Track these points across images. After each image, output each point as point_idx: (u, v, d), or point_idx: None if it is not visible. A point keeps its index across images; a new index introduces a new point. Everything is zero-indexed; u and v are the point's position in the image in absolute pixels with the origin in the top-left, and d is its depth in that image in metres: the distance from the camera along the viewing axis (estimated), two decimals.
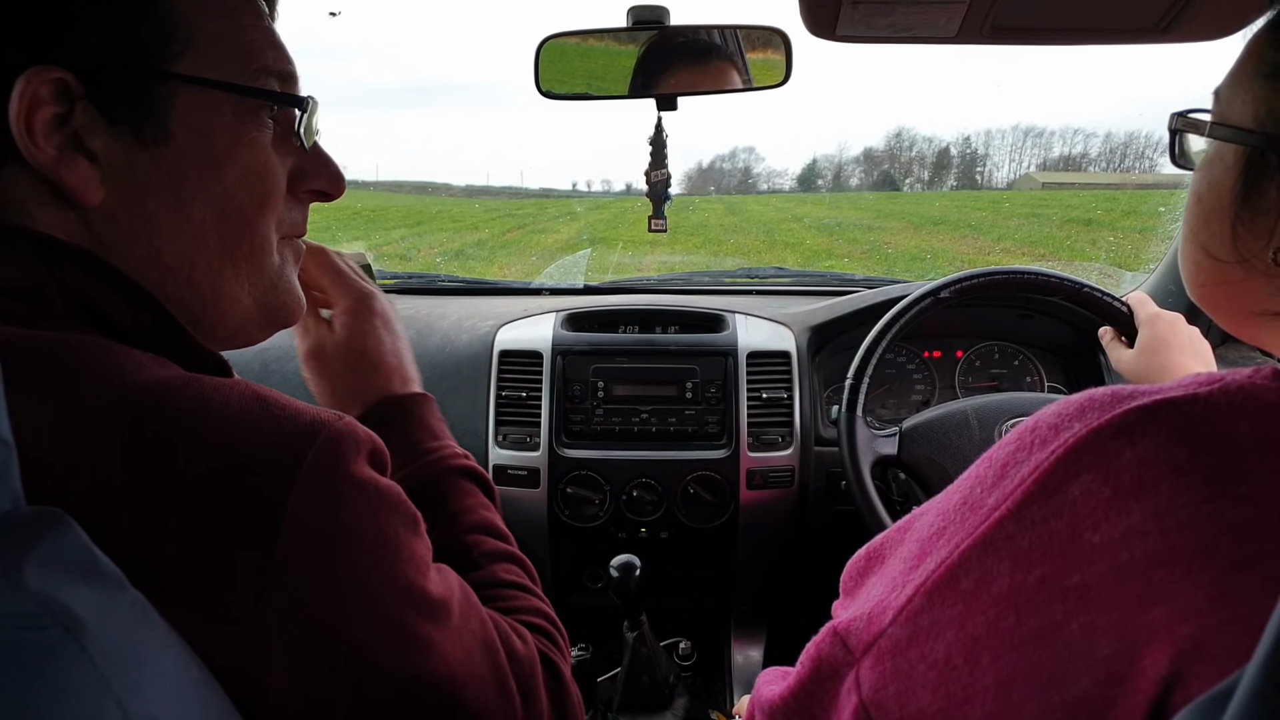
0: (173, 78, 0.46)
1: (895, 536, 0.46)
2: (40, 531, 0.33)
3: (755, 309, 1.39)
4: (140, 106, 0.45)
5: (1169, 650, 0.32)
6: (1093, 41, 0.67)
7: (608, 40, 0.97)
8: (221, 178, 0.48)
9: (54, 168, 0.43)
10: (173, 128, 0.46)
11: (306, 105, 0.52)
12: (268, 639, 0.40)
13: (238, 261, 0.50)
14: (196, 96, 0.47)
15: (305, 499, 0.40)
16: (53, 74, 0.42)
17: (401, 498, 0.47)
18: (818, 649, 0.45)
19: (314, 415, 0.43)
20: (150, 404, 0.40)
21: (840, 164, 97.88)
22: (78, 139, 0.44)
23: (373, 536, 0.44)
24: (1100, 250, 13.19)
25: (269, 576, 0.39)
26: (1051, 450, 0.37)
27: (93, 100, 0.44)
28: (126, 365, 0.42)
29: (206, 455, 0.39)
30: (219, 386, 0.42)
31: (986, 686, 0.37)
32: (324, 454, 0.42)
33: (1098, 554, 0.34)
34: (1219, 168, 0.42)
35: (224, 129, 0.48)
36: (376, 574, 0.43)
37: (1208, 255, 0.43)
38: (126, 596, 0.35)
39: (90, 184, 0.45)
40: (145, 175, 0.46)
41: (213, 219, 0.48)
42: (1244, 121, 0.40)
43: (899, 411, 1.39)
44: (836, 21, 0.65)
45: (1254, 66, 0.40)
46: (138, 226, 0.47)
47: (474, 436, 1.28)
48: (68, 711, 0.30)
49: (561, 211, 26.36)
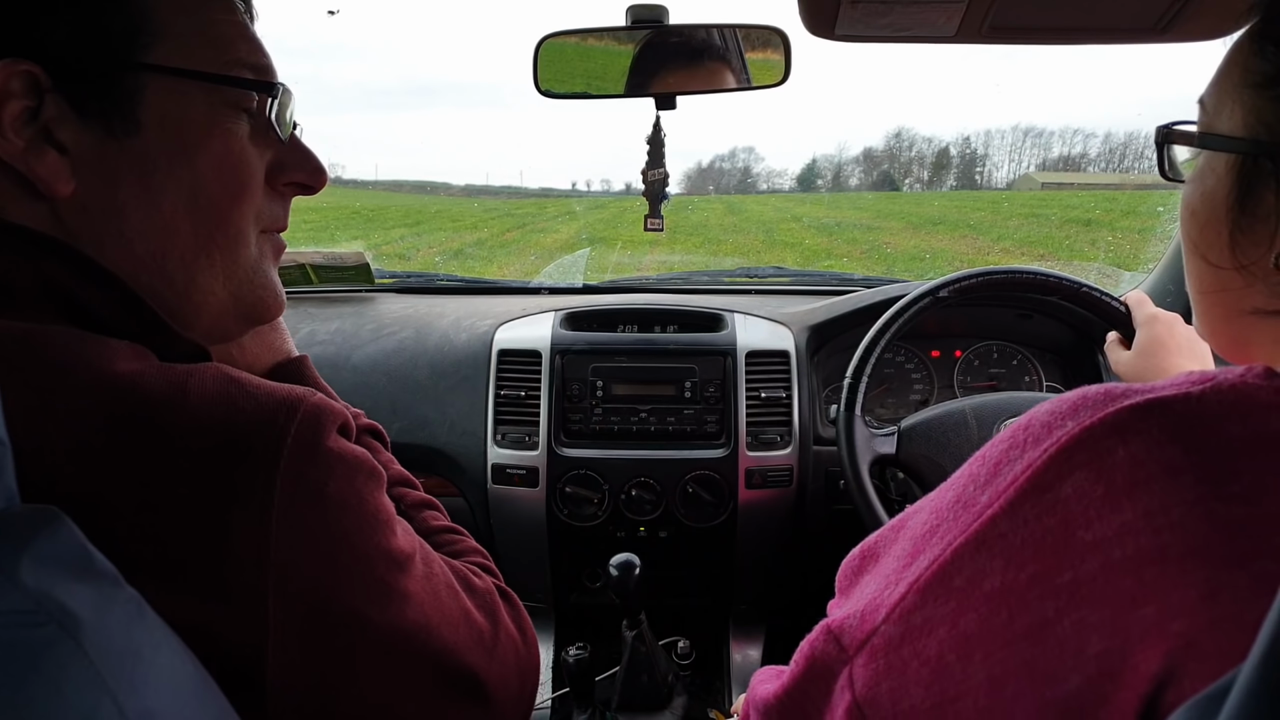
0: (143, 68, 0.46)
1: (889, 535, 0.46)
2: (35, 529, 0.33)
3: (754, 308, 1.40)
4: (110, 98, 0.45)
5: (1161, 647, 0.32)
6: (1091, 41, 0.68)
7: (607, 39, 0.97)
8: (193, 167, 0.48)
9: (23, 159, 0.44)
10: (143, 118, 0.46)
11: (276, 91, 0.52)
12: (266, 611, 0.41)
13: (212, 253, 0.50)
14: (168, 86, 0.47)
15: (293, 471, 0.42)
16: (20, 66, 0.43)
17: (371, 462, 0.48)
18: (811, 647, 0.46)
19: (288, 392, 0.45)
20: (128, 391, 0.41)
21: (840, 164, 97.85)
22: (47, 131, 0.44)
23: (356, 503, 0.46)
24: (1099, 250, 13.20)
25: (264, 549, 0.41)
26: (1044, 448, 0.37)
27: (62, 92, 0.44)
28: (103, 355, 0.42)
29: (192, 437, 0.40)
30: (191, 371, 0.43)
31: (978, 683, 0.37)
32: (305, 427, 0.43)
33: (1090, 552, 0.34)
34: (1211, 178, 0.42)
35: (196, 119, 0.48)
36: (361, 538, 0.45)
37: (1207, 263, 0.43)
38: (122, 593, 0.35)
39: (60, 175, 0.45)
40: (115, 166, 0.46)
41: (184, 209, 0.48)
42: (1234, 130, 0.40)
43: (898, 411, 1.39)
44: (835, 21, 0.65)
45: (1240, 76, 0.40)
46: (109, 217, 0.47)
47: (472, 436, 1.28)
48: (64, 708, 0.30)
49: (561, 211, 26.35)
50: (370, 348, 1.36)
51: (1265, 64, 0.39)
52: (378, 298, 1.56)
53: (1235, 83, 0.41)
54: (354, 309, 1.48)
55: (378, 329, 1.40)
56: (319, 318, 1.43)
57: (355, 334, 1.39)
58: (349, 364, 1.33)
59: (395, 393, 1.31)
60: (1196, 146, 0.44)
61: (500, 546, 1.32)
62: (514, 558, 1.33)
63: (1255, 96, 0.39)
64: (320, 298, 1.55)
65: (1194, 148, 0.44)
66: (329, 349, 1.35)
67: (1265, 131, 0.39)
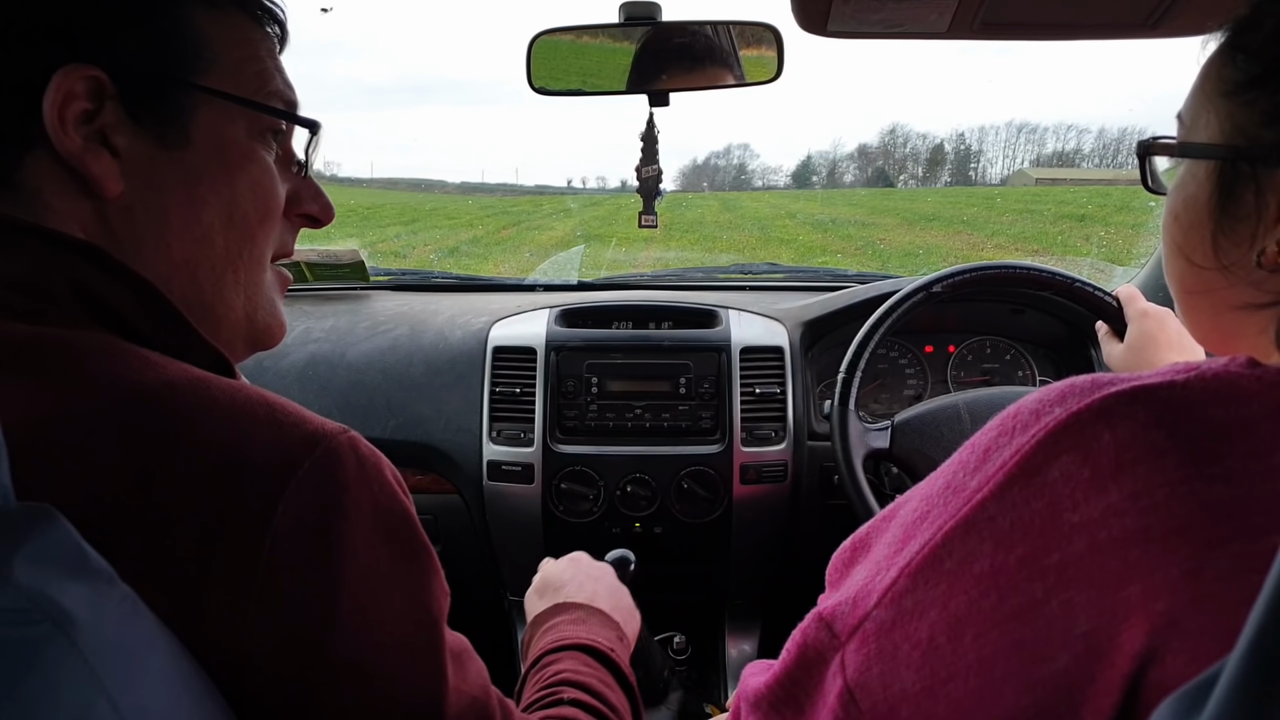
0: (197, 89, 0.49)
1: (880, 525, 0.47)
2: (29, 527, 0.33)
3: (749, 305, 1.40)
4: (165, 111, 0.48)
5: (1145, 626, 0.33)
6: (1082, 37, 0.68)
7: (600, 36, 0.97)
8: (233, 185, 0.51)
9: (80, 155, 0.46)
10: (193, 134, 0.49)
11: (319, 128, 0.56)
12: (251, 642, 0.39)
13: (238, 269, 0.53)
14: (217, 108, 0.50)
15: (296, 508, 0.40)
16: (89, 72, 0.45)
17: (406, 523, 0.46)
18: (803, 635, 0.46)
19: (318, 426, 0.43)
20: (154, 403, 0.40)
21: (835, 160, 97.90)
22: (103, 134, 0.47)
23: (366, 555, 0.43)
24: (1093, 246, 13.25)
25: (252, 581, 0.39)
26: (1032, 434, 0.38)
27: (121, 101, 0.47)
28: (133, 364, 0.42)
29: (203, 455, 0.40)
30: (225, 389, 0.43)
31: (969, 664, 0.37)
32: (322, 465, 0.41)
33: (1077, 533, 0.35)
34: (1192, 185, 0.44)
35: (238, 142, 0.51)
36: (367, 593, 0.43)
37: (1191, 264, 0.45)
38: (117, 591, 0.35)
39: (111, 175, 0.47)
40: (164, 174, 0.49)
41: (220, 224, 0.51)
42: (1212, 138, 0.43)
43: (891, 406, 1.39)
44: (828, 17, 0.65)
45: (1214, 86, 0.43)
46: (152, 221, 0.49)
47: (468, 433, 1.28)
48: (58, 706, 0.30)
49: (556, 208, 26.32)
50: (365, 345, 1.36)
51: (1237, 72, 0.41)
52: (373, 295, 1.56)
53: (1210, 93, 0.43)
54: (349, 306, 1.47)
55: (373, 326, 1.40)
56: (314, 315, 1.43)
57: (350, 331, 1.39)
58: (344, 361, 1.33)
59: (390, 390, 1.30)
60: (1177, 156, 0.47)
61: (496, 543, 1.32)
62: (509, 554, 1.33)
63: (1229, 104, 0.42)
64: (315, 295, 1.54)
65: (1175, 158, 0.47)
66: (324, 346, 1.35)
67: (1240, 136, 0.41)
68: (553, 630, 0.73)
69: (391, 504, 0.45)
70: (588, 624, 0.74)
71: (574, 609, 0.76)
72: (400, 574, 0.45)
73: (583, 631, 0.72)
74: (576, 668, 0.66)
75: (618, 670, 0.68)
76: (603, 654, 0.68)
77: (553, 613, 0.76)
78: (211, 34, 0.50)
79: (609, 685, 0.65)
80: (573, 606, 0.76)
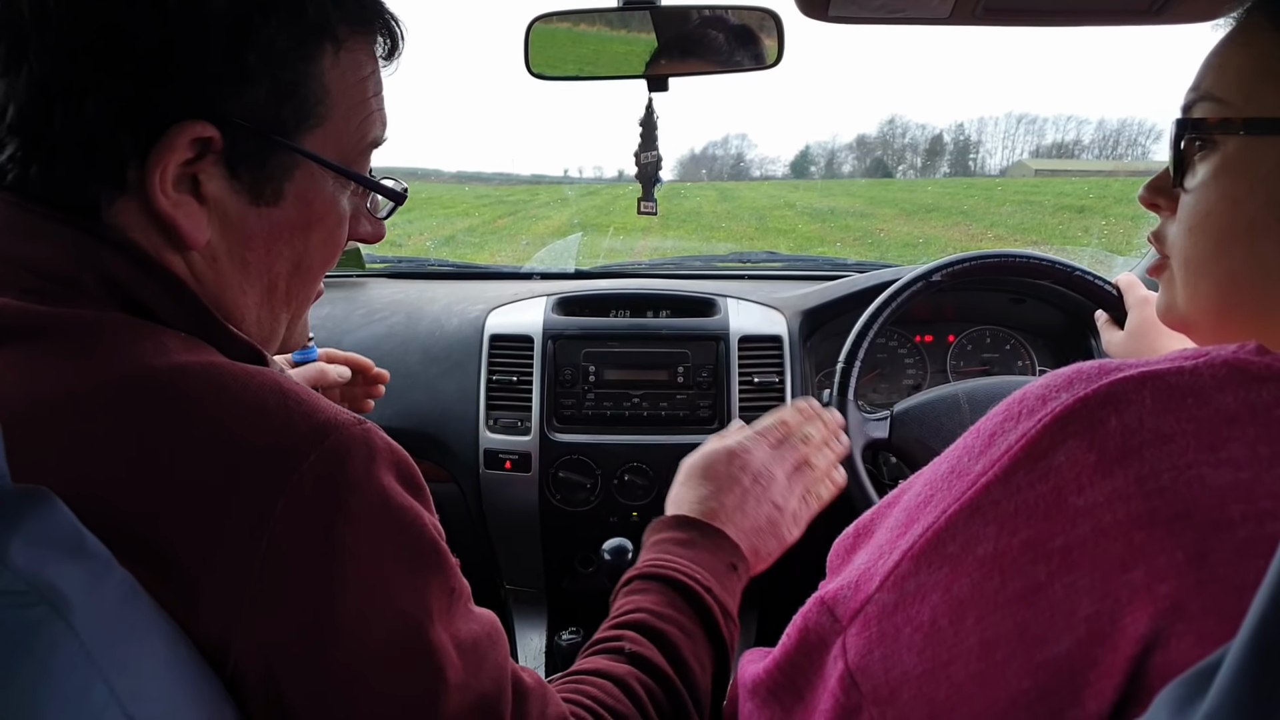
0: (300, 152, 0.49)
1: (883, 511, 0.47)
2: (26, 509, 0.32)
3: (747, 293, 1.39)
4: (263, 171, 0.48)
5: (1149, 609, 0.33)
6: (1085, 23, 0.67)
7: (598, 21, 0.96)
8: (308, 238, 0.52)
9: (171, 213, 0.45)
10: (286, 192, 0.49)
11: (403, 199, 0.58)
12: (244, 640, 0.39)
13: (291, 307, 0.55)
14: (313, 169, 0.50)
15: (298, 501, 0.39)
16: (206, 131, 0.44)
17: (415, 524, 0.44)
18: (805, 619, 0.46)
19: (330, 416, 0.42)
20: (159, 386, 0.40)
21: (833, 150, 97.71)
22: (196, 183, 0.46)
23: (367, 559, 0.41)
24: (1092, 237, 13.25)
25: (247, 579, 0.38)
26: (1039, 419, 0.38)
27: (223, 156, 0.46)
28: (147, 347, 0.42)
29: (205, 442, 0.39)
30: (239, 375, 0.42)
31: (971, 647, 0.37)
32: (329, 458, 0.40)
33: (1081, 517, 0.35)
34: (1265, 166, 0.40)
35: (325, 199, 0.52)
36: (363, 595, 0.41)
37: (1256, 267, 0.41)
38: (114, 575, 0.35)
39: (199, 227, 0.47)
40: (252, 228, 0.49)
41: (288, 271, 0.52)
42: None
43: (890, 395, 1.39)
44: (829, 2, 0.65)
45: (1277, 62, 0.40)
46: (235, 269, 0.50)
47: (464, 421, 1.27)
48: (55, 689, 0.30)
49: (553, 198, 26.23)
50: (361, 333, 1.35)
51: None
52: (368, 283, 1.55)
53: (1271, 69, 0.40)
54: (345, 294, 1.47)
55: (369, 314, 1.39)
56: None
57: (346, 319, 1.38)
58: (339, 349, 1.32)
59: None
60: (1241, 134, 0.41)
61: (493, 532, 1.32)
62: (507, 543, 1.33)
63: None
64: None
65: (1239, 135, 0.42)
66: (320, 335, 1.34)
67: None
68: (657, 547, 0.66)
69: (401, 502, 0.43)
70: (695, 549, 0.65)
71: (690, 526, 0.67)
72: (402, 580, 0.43)
73: (684, 561, 0.63)
74: (658, 609, 0.60)
75: (707, 615, 0.61)
76: (696, 595, 0.61)
77: (665, 526, 0.68)
78: (331, 80, 0.49)
79: (689, 632, 0.59)
80: (690, 523, 0.67)
